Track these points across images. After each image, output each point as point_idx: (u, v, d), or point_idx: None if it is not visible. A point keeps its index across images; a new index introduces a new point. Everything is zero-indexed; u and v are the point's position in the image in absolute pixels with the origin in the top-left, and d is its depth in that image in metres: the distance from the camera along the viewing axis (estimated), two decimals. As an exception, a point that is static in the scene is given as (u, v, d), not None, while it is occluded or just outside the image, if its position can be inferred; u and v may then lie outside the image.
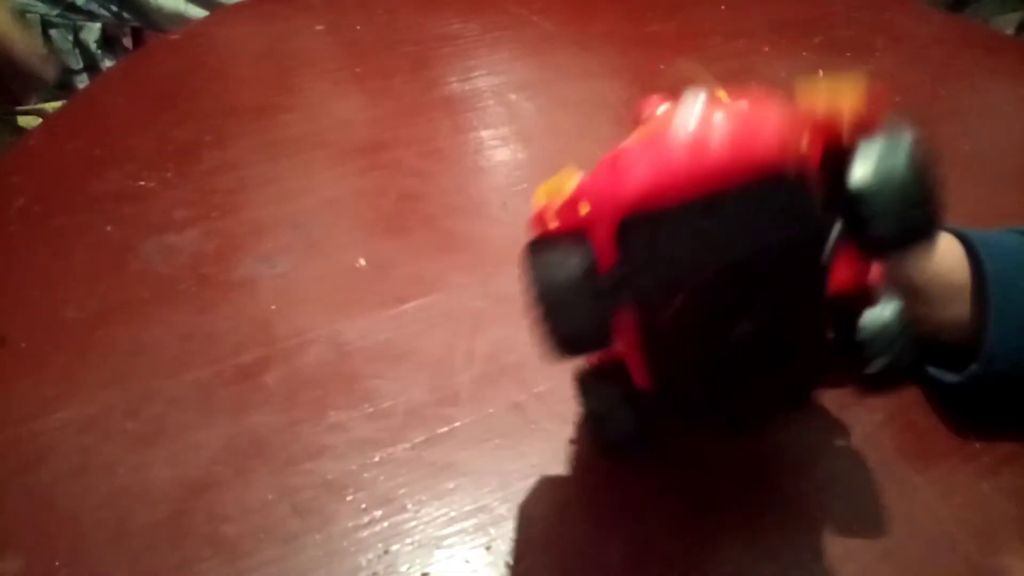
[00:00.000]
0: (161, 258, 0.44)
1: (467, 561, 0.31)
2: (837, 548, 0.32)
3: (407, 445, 0.35)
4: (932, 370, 0.36)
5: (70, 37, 1.14)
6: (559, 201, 0.26)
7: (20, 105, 1.03)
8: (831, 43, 0.64)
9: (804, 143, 0.23)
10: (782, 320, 0.24)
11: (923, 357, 0.36)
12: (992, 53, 0.65)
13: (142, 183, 0.49)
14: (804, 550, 0.32)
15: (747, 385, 0.26)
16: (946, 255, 0.34)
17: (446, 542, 0.32)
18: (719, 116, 0.22)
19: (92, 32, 1.14)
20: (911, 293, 0.33)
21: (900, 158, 0.25)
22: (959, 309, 0.34)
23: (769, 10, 0.69)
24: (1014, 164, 0.54)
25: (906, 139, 0.26)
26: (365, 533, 0.32)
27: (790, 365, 0.26)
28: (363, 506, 0.33)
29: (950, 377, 0.35)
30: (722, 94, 0.23)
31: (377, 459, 0.34)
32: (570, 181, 0.26)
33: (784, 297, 0.24)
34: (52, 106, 1.14)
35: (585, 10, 0.68)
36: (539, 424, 0.36)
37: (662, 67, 0.61)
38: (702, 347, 0.25)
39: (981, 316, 0.33)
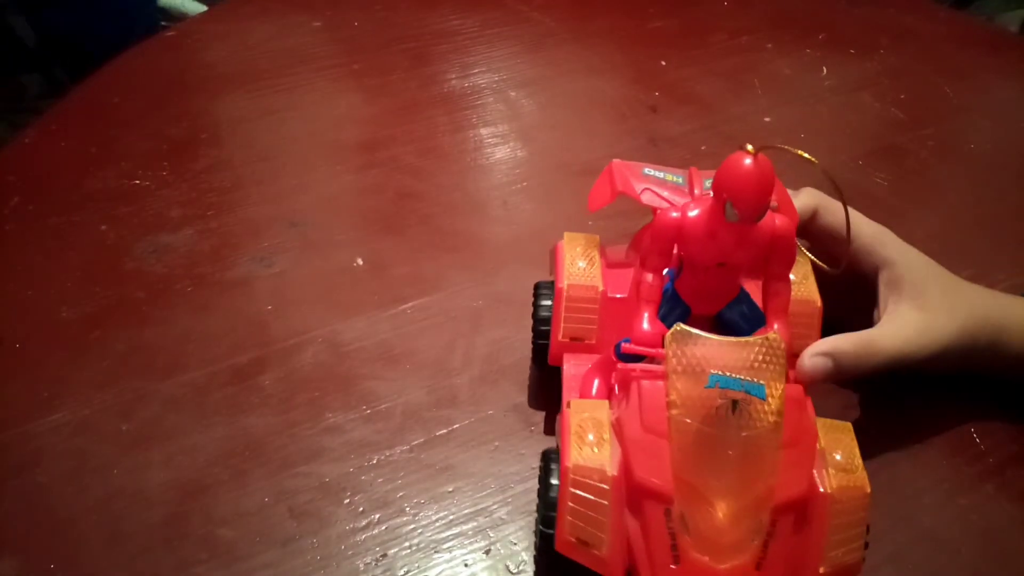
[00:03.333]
0: (156, 258, 0.43)
1: (466, 565, 0.31)
2: (841, 551, 0.31)
3: (405, 447, 0.35)
4: None
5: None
6: None
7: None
8: (835, 40, 0.64)
9: None
10: None
11: None
12: (997, 50, 0.65)
13: (137, 182, 0.48)
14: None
15: None
16: None
17: (445, 545, 0.31)
18: None
19: (88, 28, 1.13)
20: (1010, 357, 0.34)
21: None
22: None
23: (772, 6, 0.68)
24: (1017, 161, 0.54)
25: None
26: (363, 536, 0.31)
27: None
28: (361, 509, 0.32)
29: None
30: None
31: (375, 461, 0.34)
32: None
33: None
34: (46, 103, 1.13)
35: (585, 6, 0.67)
36: (539, 426, 0.35)
37: (663, 64, 0.61)
38: None
39: None
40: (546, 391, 0.36)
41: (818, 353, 0.32)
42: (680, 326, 0.26)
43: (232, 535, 0.31)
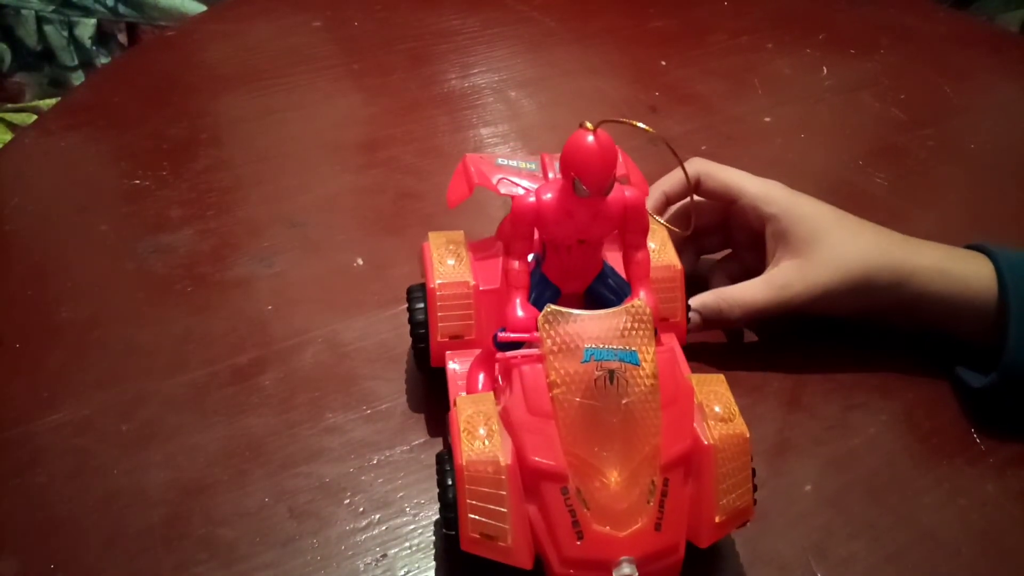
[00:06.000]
0: (156, 258, 0.43)
1: (467, 565, 0.31)
2: (841, 551, 0.31)
3: (405, 447, 0.34)
4: (961, 371, 0.37)
5: (65, 33, 1.13)
6: None
7: (13, 102, 1.02)
8: (835, 40, 0.64)
9: None
10: None
11: (954, 359, 0.37)
12: (997, 50, 0.65)
13: (137, 182, 0.48)
14: (807, 552, 0.31)
15: None
16: (978, 273, 0.36)
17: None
18: None
19: (87, 28, 1.13)
20: (947, 306, 0.35)
21: None
22: (988, 321, 0.35)
23: (772, 6, 0.68)
24: (1017, 161, 0.54)
25: None
26: (363, 536, 0.31)
27: None
28: (361, 509, 0.32)
29: (975, 381, 0.36)
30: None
31: (375, 461, 0.34)
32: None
33: None
34: (47, 103, 1.14)
35: (585, 6, 0.67)
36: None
37: (663, 63, 0.61)
38: None
39: (1002, 328, 0.34)
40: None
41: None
42: (551, 307, 0.27)
43: (232, 535, 0.31)
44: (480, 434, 0.26)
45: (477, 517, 0.25)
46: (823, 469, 0.34)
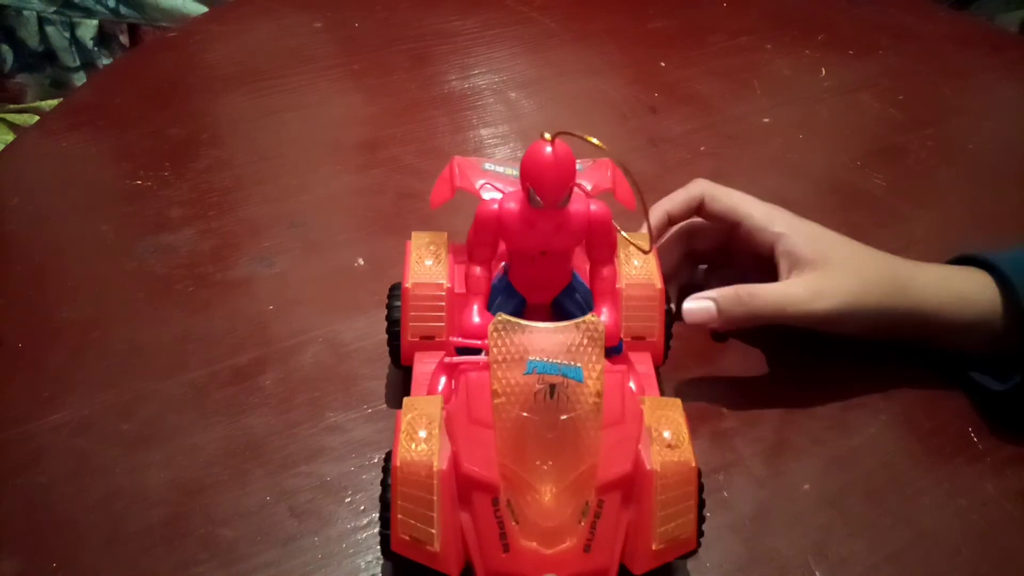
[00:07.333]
0: (157, 258, 0.43)
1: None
2: (841, 551, 0.31)
3: (405, 447, 0.35)
4: (977, 376, 0.36)
5: (66, 34, 1.14)
6: None
7: (15, 103, 1.02)
8: (834, 40, 0.64)
9: None
10: None
11: (969, 365, 0.37)
12: (997, 50, 0.65)
13: (138, 182, 0.48)
14: (807, 552, 0.31)
15: None
16: (978, 284, 0.35)
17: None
18: None
19: (89, 29, 1.14)
20: (954, 319, 0.35)
21: None
22: (994, 331, 0.35)
23: (771, 7, 0.68)
24: (1017, 161, 0.54)
25: None
26: (364, 535, 0.31)
27: None
28: (362, 508, 0.32)
29: (996, 385, 0.35)
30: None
31: (375, 460, 0.34)
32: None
33: None
34: (48, 104, 1.14)
35: (586, 7, 0.67)
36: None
37: (663, 64, 0.61)
38: None
39: (1018, 331, 0.34)
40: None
41: (700, 296, 0.34)
42: (501, 316, 0.26)
43: (232, 535, 0.31)
44: (419, 436, 0.26)
45: (406, 519, 0.25)
46: (823, 469, 0.34)
